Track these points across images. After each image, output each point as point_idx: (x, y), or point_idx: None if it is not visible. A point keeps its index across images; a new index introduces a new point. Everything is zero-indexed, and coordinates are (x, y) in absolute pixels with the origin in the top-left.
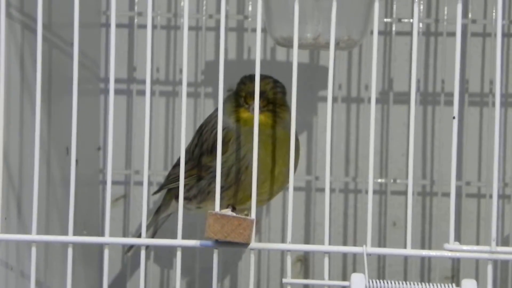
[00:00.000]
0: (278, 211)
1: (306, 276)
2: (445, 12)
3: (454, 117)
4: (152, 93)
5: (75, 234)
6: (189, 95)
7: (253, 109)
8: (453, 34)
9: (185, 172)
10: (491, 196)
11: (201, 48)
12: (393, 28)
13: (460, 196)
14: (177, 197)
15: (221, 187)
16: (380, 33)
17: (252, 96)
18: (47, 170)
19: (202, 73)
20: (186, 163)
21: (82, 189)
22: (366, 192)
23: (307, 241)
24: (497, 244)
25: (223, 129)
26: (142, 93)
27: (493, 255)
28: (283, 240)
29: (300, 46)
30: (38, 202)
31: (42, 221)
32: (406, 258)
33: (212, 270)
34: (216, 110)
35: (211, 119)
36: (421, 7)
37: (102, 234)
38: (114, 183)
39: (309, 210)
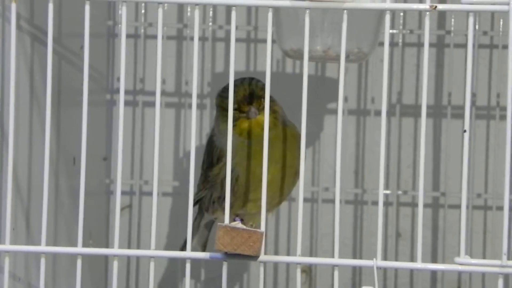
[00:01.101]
0: (284, 222)
1: (310, 287)
2: (452, 24)
3: (465, 131)
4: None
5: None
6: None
7: (253, 113)
8: (460, 45)
9: (200, 184)
10: (497, 208)
11: (207, 59)
12: (400, 40)
13: (467, 208)
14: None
15: (218, 197)
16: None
17: (244, 102)
18: (55, 181)
19: (209, 85)
20: (200, 176)
21: (88, 199)
22: (372, 203)
23: (311, 252)
24: (508, 258)
25: (217, 148)
26: (147, 104)
27: (504, 269)
28: (288, 251)
29: (310, 59)
30: (46, 213)
31: (50, 231)
32: (412, 270)
33: (216, 280)
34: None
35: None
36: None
37: (108, 243)
38: None
39: (314, 221)
